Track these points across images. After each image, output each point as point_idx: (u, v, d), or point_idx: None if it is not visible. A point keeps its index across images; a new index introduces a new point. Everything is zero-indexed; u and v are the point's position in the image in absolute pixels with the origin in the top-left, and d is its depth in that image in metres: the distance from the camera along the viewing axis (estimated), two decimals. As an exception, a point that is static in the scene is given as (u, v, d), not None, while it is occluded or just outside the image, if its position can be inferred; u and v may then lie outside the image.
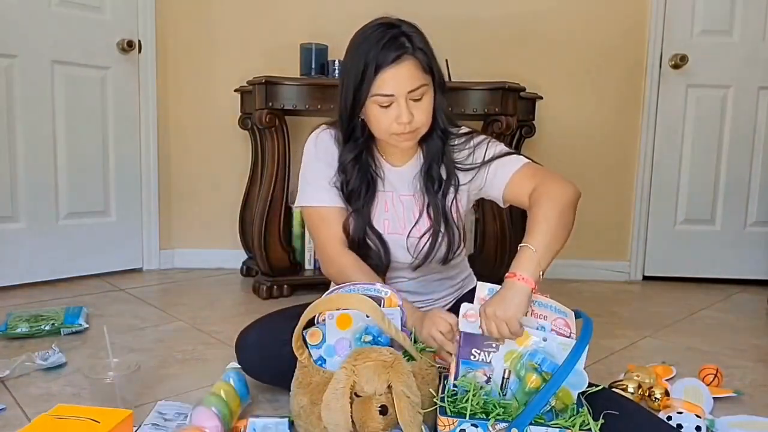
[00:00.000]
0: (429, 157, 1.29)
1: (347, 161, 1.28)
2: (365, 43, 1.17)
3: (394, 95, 1.16)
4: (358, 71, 1.16)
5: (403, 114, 1.16)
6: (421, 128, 1.22)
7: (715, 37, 2.61)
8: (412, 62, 1.16)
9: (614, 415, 0.99)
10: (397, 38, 1.16)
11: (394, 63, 1.14)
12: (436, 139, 1.28)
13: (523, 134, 2.54)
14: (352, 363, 1.01)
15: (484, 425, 0.96)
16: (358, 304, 1.09)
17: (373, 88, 1.16)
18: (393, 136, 1.21)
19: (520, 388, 1.02)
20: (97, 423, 0.94)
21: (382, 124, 1.19)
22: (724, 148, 2.68)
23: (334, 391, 0.99)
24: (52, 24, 2.29)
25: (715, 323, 2.12)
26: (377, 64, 1.14)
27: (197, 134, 2.69)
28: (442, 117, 1.26)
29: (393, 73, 1.15)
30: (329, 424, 1.00)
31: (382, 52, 1.14)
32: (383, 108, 1.18)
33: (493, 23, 2.62)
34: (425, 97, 1.19)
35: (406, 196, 1.32)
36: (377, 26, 1.19)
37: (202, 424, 1.07)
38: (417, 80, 1.16)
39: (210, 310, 2.10)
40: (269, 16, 2.62)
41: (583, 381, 0.99)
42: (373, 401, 0.99)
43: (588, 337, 0.99)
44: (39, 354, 1.50)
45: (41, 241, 2.33)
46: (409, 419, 0.98)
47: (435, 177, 1.28)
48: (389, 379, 0.99)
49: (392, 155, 1.33)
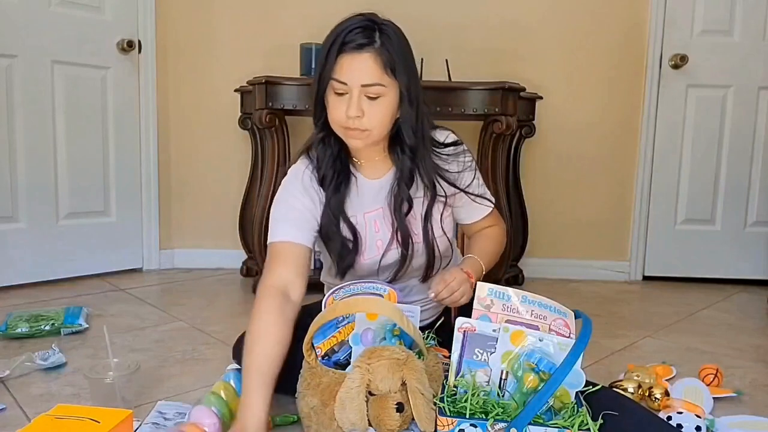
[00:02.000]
0: (398, 176, 1.25)
1: (316, 142, 1.27)
2: (340, 26, 1.17)
3: (347, 84, 1.14)
4: (325, 51, 1.16)
5: (352, 107, 1.14)
6: (372, 131, 1.17)
7: (715, 37, 2.61)
8: (373, 56, 1.13)
9: (615, 415, 0.99)
10: (369, 29, 1.14)
11: (356, 51, 1.13)
12: (403, 156, 1.23)
13: (523, 134, 2.54)
14: (366, 362, 1.02)
15: (483, 425, 0.96)
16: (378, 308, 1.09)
17: (333, 71, 1.15)
18: (343, 129, 1.19)
19: (518, 388, 1.02)
20: (97, 423, 0.94)
21: (334, 114, 1.18)
22: (724, 148, 2.68)
23: (348, 391, 1.00)
24: (52, 24, 2.29)
25: (715, 323, 2.12)
26: (340, 47, 1.13)
27: (197, 134, 2.69)
28: (409, 132, 1.20)
29: (351, 59, 1.13)
30: (344, 424, 1.00)
31: (349, 35, 1.13)
32: (338, 95, 1.16)
33: (493, 23, 2.62)
34: (382, 99, 1.15)
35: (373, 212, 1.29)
36: (358, 15, 1.18)
37: (200, 421, 1.07)
38: (374, 77, 1.13)
39: (210, 310, 2.10)
40: (269, 16, 2.62)
41: (581, 380, 0.99)
42: (388, 399, 1.00)
43: (587, 337, 0.99)
44: (39, 354, 1.50)
45: (41, 241, 2.33)
46: (425, 415, 0.99)
47: (404, 197, 1.24)
48: (403, 377, 1.00)
49: (367, 167, 1.29)
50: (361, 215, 1.29)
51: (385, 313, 1.08)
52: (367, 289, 1.19)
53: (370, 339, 1.14)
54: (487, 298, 1.08)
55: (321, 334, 1.17)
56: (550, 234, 2.71)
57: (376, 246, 1.28)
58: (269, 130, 2.21)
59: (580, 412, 0.98)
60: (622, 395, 1.19)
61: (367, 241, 1.28)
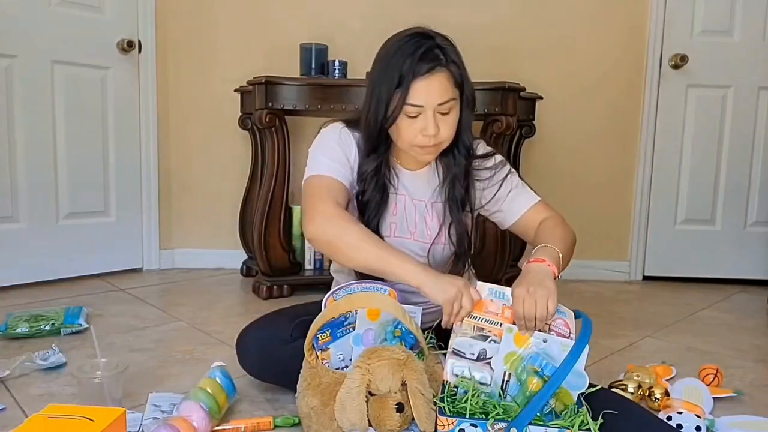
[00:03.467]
0: (451, 174, 1.28)
1: (368, 171, 1.25)
2: (400, 52, 1.15)
3: (424, 106, 1.14)
4: (393, 80, 1.14)
5: (430, 126, 1.15)
6: (444, 142, 1.20)
7: (715, 37, 2.61)
8: (444, 75, 1.15)
9: (615, 415, 0.99)
10: (432, 50, 1.14)
11: (428, 74, 1.13)
12: (460, 156, 1.27)
13: (523, 134, 2.54)
14: (366, 362, 1.02)
15: (483, 425, 0.96)
16: (381, 303, 1.10)
17: (407, 98, 1.14)
18: (415, 147, 1.19)
19: (521, 391, 1.02)
20: (92, 421, 0.93)
21: (408, 135, 1.18)
22: (724, 148, 2.68)
23: (348, 391, 1.00)
24: (52, 24, 2.29)
25: (715, 323, 2.12)
26: (412, 74, 1.13)
27: (197, 134, 2.69)
28: (468, 135, 1.26)
29: (425, 84, 1.13)
30: (344, 424, 1.01)
31: (418, 63, 1.13)
32: (410, 118, 1.16)
33: (493, 23, 2.62)
34: (453, 111, 1.18)
35: (419, 201, 1.31)
36: (412, 35, 1.17)
37: (189, 415, 1.10)
38: (447, 93, 1.15)
39: (210, 310, 2.10)
40: (269, 16, 2.62)
41: (584, 382, 0.99)
42: (389, 399, 1.01)
43: (587, 338, 0.99)
44: (39, 354, 1.50)
45: (41, 241, 2.33)
46: (425, 415, 0.99)
47: (458, 196, 1.28)
48: (404, 377, 1.01)
49: (407, 160, 1.31)
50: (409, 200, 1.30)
51: (388, 308, 1.08)
52: (368, 289, 1.19)
53: (371, 339, 1.14)
54: (488, 298, 1.08)
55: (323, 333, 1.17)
56: (550, 234, 2.70)
57: (427, 234, 1.31)
58: (269, 130, 2.21)
59: (580, 412, 0.98)
60: (622, 396, 1.19)
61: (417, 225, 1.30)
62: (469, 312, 1.06)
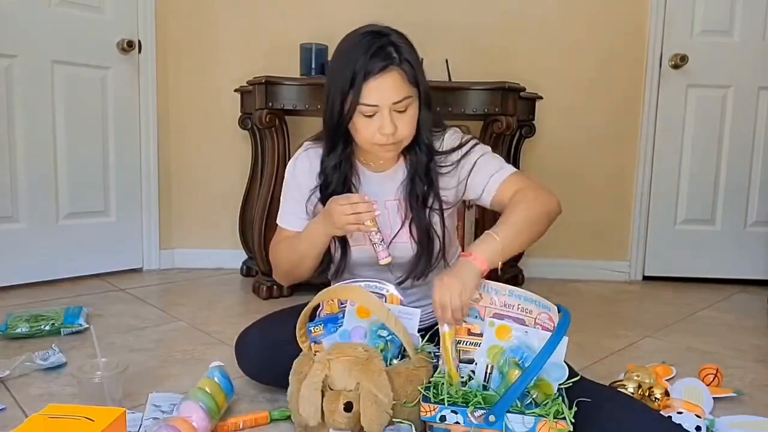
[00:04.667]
0: (412, 171, 1.27)
1: (329, 167, 1.26)
2: (353, 50, 1.15)
3: (379, 106, 1.14)
4: (346, 80, 1.13)
5: (386, 125, 1.14)
6: (404, 140, 1.20)
7: (715, 37, 2.61)
8: (398, 73, 1.14)
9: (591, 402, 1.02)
10: (385, 48, 1.14)
11: (381, 73, 1.12)
12: (421, 154, 1.26)
13: (523, 134, 2.54)
14: (327, 357, 1.04)
15: (464, 412, 0.98)
16: (364, 300, 1.10)
17: (360, 97, 1.14)
18: (375, 146, 1.20)
19: (503, 383, 1.04)
20: (92, 421, 0.93)
21: (365, 134, 1.17)
22: (724, 148, 2.68)
23: (308, 383, 1.03)
24: (52, 24, 2.29)
25: (715, 323, 2.12)
26: (364, 74, 1.12)
27: (197, 134, 2.69)
28: (427, 132, 1.24)
29: (378, 83, 1.13)
30: (302, 413, 1.03)
31: (370, 61, 1.12)
32: (367, 117, 1.16)
33: (493, 23, 2.62)
34: (410, 109, 1.17)
35: (391, 201, 1.30)
36: (366, 34, 1.16)
37: (188, 416, 1.10)
38: (402, 92, 1.15)
39: (210, 310, 2.10)
40: (269, 16, 2.62)
41: (563, 373, 1.02)
42: (341, 397, 1.02)
43: (564, 329, 1.01)
44: (39, 354, 1.50)
45: (41, 241, 2.33)
46: (372, 418, 1.00)
47: (419, 192, 1.26)
48: (358, 377, 1.01)
49: (372, 161, 1.30)
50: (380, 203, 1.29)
51: (369, 306, 1.09)
52: (370, 287, 1.19)
53: (359, 337, 1.14)
54: (475, 291, 1.10)
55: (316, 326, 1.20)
56: (550, 234, 2.68)
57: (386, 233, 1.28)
58: (269, 130, 2.21)
59: (555, 402, 1.00)
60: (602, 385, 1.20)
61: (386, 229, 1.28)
62: (372, 216, 1.14)
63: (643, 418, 1.04)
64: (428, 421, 1.02)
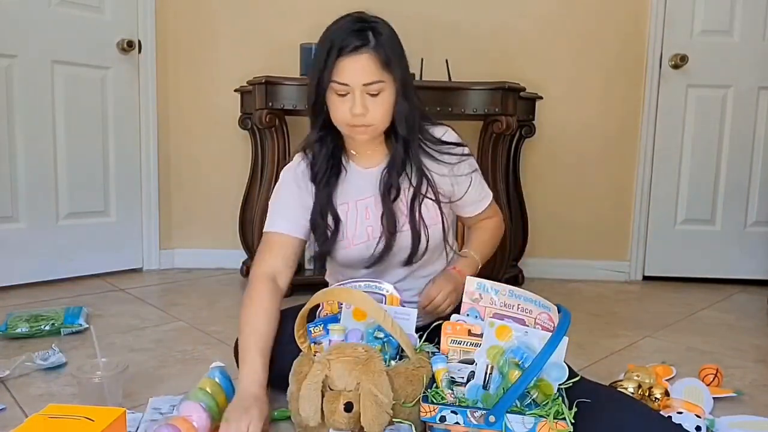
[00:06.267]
0: (390, 163, 1.30)
1: (313, 141, 1.30)
2: (335, 31, 1.20)
3: (350, 85, 1.17)
4: (322, 56, 1.18)
5: (357, 105, 1.18)
6: (377, 125, 1.23)
7: (715, 37, 2.61)
8: (370, 56, 1.17)
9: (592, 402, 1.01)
10: (364, 31, 1.18)
11: (354, 52, 1.16)
12: (398, 146, 1.28)
13: (523, 134, 2.54)
14: (327, 357, 1.04)
15: (464, 412, 0.98)
16: (359, 302, 1.10)
17: (332, 74, 1.18)
18: (348, 127, 1.23)
19: (503, 384, 1.04)
20: (92, 421, 0.93)
21: (338, 114, 1.22)
22: (724, 148, 2.68)
23: (308, 384, 1.03)
24: (52, 24, 2.29)
25: (715, 323, 2.12)
26: (338, 51, 1.16)
27: (197, 134, 2.69)
28: (403, 124, 1.25)
29: (350, 62, 1.16)
30: (301, 413, 1.03)
31: (345, 39, 1.16)
32: (340, 96, 1.20)
33: (493, 23, 2.62)
34: (383, 95, 1.20)
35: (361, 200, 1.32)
36: (352, 18, 1.21)
37: (189, 415, 1.10)
38: (373, 75, 1.17)
39: (210, 310, 2.10)
40: (269, 16, 2.62)
41: (563, 373, 1.01)
42: (341, 397, 1.02)
43: (564, 329, 1.01)
44: (39, 354, 1.50)
45: (41, 241, 2.33)
46: (372, 419, 1.00)
47: (393, 184, 1.28)
48: (359, 377, 1.01)
49: (361, 156, 1.33)
50: (353, 203, 1.33)
51: (363, 306, 1.09)
52: (370, 287, 1.19)
53: (356, 339, 1.14)
54: (475, 292, 1.11)
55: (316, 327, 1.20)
56: (550, 234, 2.71)
57: (366, 233, 1.31)
58: (269, 130, 2.21)
59: (555, 402, 0.99)
60: (602, 385, 1.20)
61: (357, 228, 1.31)
62: None
63: (643, 419, 1.04)
64: (428, 422, 1.01)
